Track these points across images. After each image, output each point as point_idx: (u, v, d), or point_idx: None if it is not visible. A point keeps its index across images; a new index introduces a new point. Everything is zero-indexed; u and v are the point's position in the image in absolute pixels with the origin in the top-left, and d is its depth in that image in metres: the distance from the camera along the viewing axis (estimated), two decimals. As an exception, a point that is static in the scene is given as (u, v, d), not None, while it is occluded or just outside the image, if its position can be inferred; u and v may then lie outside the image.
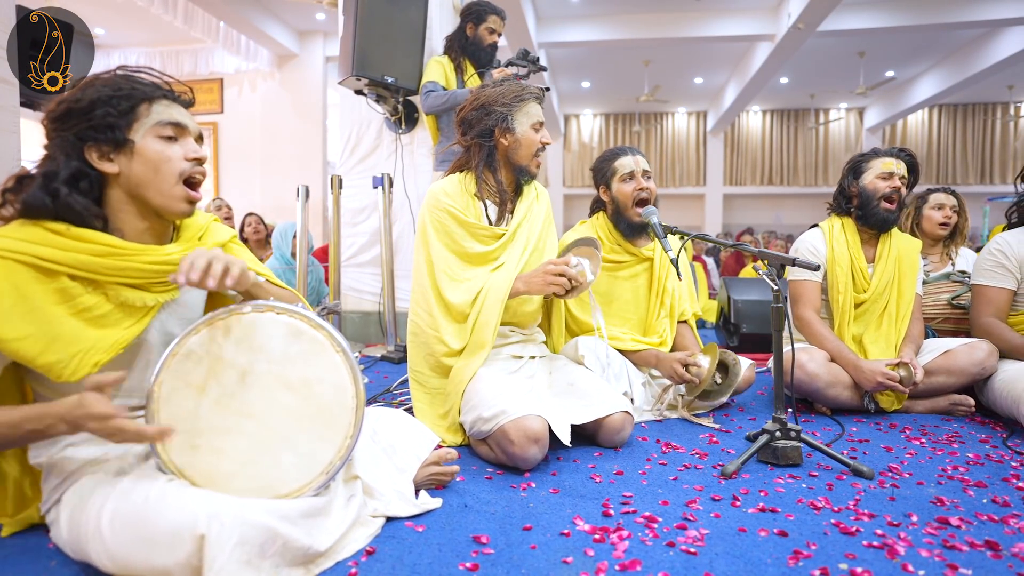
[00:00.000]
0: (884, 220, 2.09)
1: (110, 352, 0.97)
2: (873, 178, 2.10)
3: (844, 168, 2.22)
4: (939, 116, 13.02)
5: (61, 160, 0.98)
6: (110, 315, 0.99)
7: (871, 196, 2.09)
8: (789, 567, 1.01)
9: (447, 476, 1.34)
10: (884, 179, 2.08)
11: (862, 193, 2.11)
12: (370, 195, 3.52)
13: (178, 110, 1.06)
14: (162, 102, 1.04)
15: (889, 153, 2.13)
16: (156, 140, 1.02)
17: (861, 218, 2.13)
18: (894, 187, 2.06)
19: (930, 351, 2.07)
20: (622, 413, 1.60)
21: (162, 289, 1.05)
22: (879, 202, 2.08)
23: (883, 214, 2.08)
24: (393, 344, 3.21)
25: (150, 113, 1.02)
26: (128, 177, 1.02)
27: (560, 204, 14.19)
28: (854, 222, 2.16)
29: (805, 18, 7.30)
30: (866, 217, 2.11)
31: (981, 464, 1.55)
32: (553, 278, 1.60)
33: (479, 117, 1.71)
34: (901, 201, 2.10)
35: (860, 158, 2.17)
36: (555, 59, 10.27)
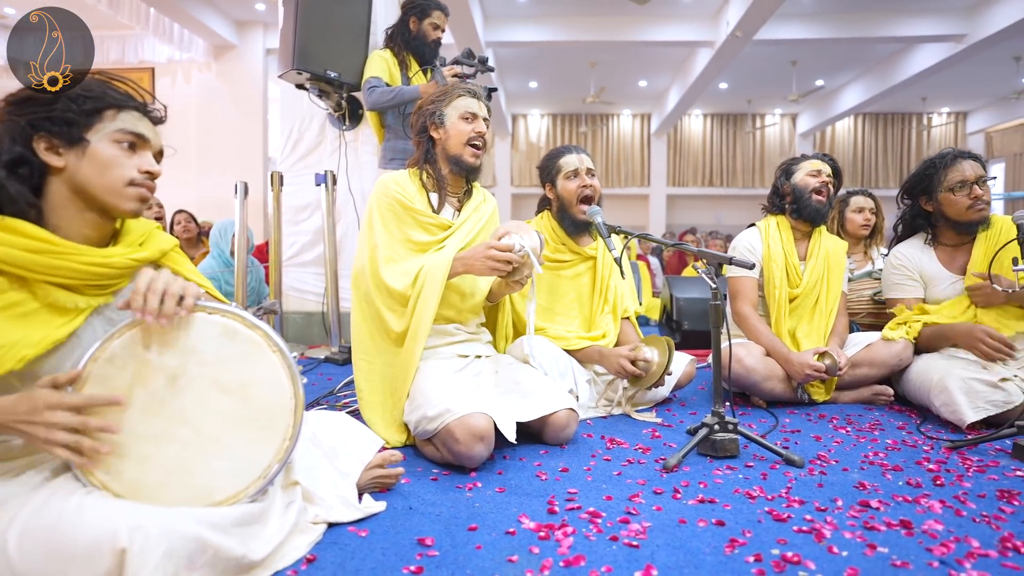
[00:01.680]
0: (817, 211, 2.22)
1: (37, 348, 0.90)
2: (804, 176, 2.24)
3: (777, 171, 2.37)
4: (863, 124, 13.85)
5: (5, 143, 0.94)
6: (37, 313, 0.92)
7: (803, 191, 2.22)
8: (726, 555, 1.04)
9: (391, 478, 1.32)
10: (813, 176, 2.23)
11: (795, 190, 2.25)
12: (313, 193, 3.42)
13: (146, 124, 1.04)
14: (132, 113, 1.02)
15: (816, 156, 2.30)
16: (112, 145, 0.99)
17: (796, 212, 2.26)
18: (823, 181, 2.22)
19: (854, 344, 2.20)
20: (567, 411, 1.63)
21: (96, 292, 0.99)
22: (811, 195, 2.21)
23: (816, 205, 2.21)
24: (337, 345, 3.14)
25: (115, 120, 1.00)
26: (74, 175, 0.97)
27: (508, 203, 14.23)
28: (788, 220, 2.29)
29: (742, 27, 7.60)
30: (800, 211, 2.24)
31: (898, 450, 1.66)
32: (495, 263, 1.59)
33: (418, 118, 1.81)
34: (830, 196, 2.24)
35: (791, 161, 2.33)
36: (503, 58, 10.30)
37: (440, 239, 1.75)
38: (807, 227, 2.28)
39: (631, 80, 11.67)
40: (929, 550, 1.06)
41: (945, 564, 1.01)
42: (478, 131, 1.77)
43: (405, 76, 2.88)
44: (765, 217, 2.36)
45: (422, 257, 1.72)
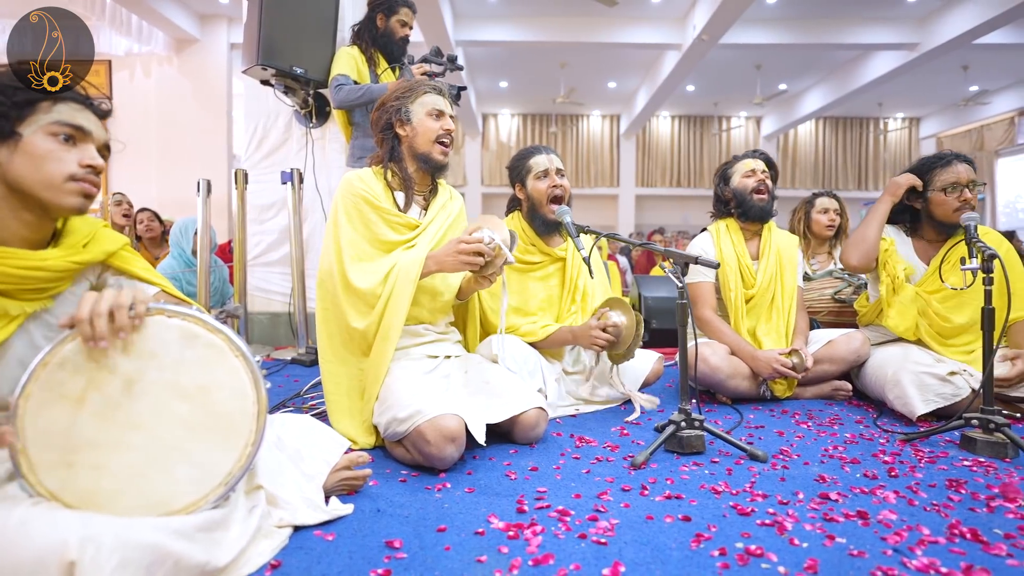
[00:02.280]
0: (762, 210, 2.28)
1: None
2: (740, 178, 2.30)
3: (715, 178, 2.42)
4: (824, 127, 14.26)
5: None
6: None
7: (743, 193, 2.29)
8: (691, 550, 1.06)
9: (359, 480, 1.30)
10: (749, 176, 2.29)
11: (735, 194, 2.31)
12: (278, 191, 3.36)
13: (86, 116, 0.99)
14: (71, 104, 0.97)
15: (747, 155, 2.36)
16: (48, 138, 0.94)
17: (742, 215, 2.31)
18: (759, 180, 2.28)
19: (815, 341, 2.27)
20: (536, 410, 1.63)
21: (33, 297, 0.94)
22: (751, 196, 2.27)
23: (759, 204, 2.27)
24: (304, 346, 3.09)
25: (51, 112, 0.94)
26: (7, 171, 0.92)
27: (478, 203, 14.21)
28: (737, 222, 2.34)
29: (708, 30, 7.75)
30: (746, 213, 2.30)
31: (856, 443, 1.71)
32: (467, 257, 1.58)
33: (380, 115, 1.77)
34: (770, 191, 2.30)
35: (725, 166, 2.39)
36: (473, 58, 10.27)
37: (408, 238, 1.74)
38: (756, 226, 2.34)
39: (600, 81, 11.78)
40: (884, 539, 1.10)
41: (898, 552, 1.05)
42: (446, 128, 1.77)
43: (374, 73, 2.84)
44: (715, 221, 2.41)
45: (391, 256, 1.70)
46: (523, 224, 2.18)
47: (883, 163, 14.21)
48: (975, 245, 1.66)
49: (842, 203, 2.85)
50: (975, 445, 1.61)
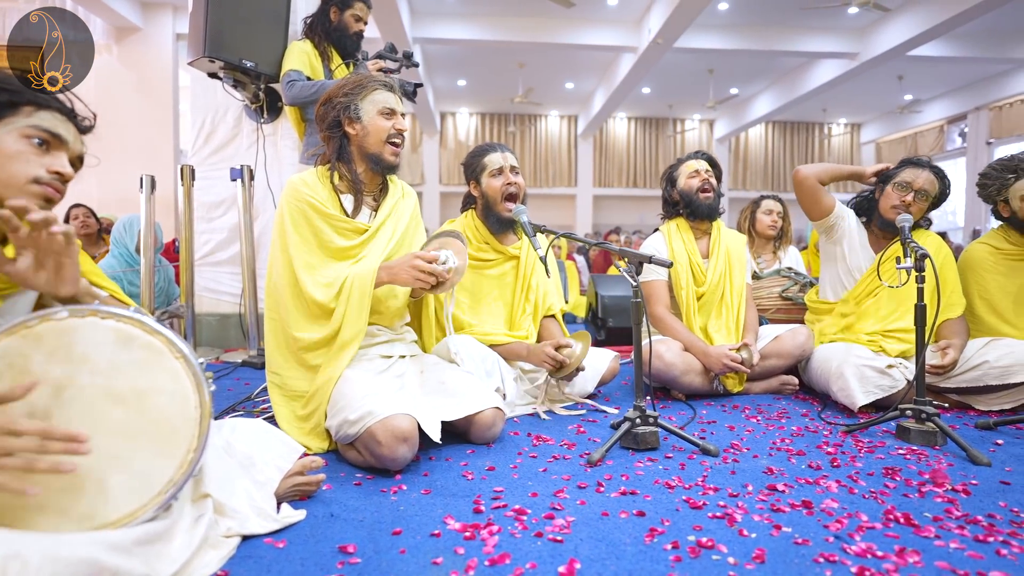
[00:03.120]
0: (709, 208, 2.36)
1: None
2: (685, 180, 2.38)
3: (661, 181, 2.49)
4: (773, 131, 14.79)
5: None
6: None
7: (689, 194, 2.36)
8: (645, 544, 1.08)
9: (312, 485, 1.27)
10: (693, 177, 2.36)
11: (682, 195, 2.38)
12: (228, 188, 3.25)
13: (67, 128, 0.99)
14: (54, 114, 0.97)
15: (690, 157, 2.43)
16: (20, 140, 0.93)
17: (691, 215, 2.38)
18: (703, 180, 2.35)
19: (763, 337, 2.34)
20: (493, 409, 1.63)
21: None
22: (697, 195, 2.35)
23: (705, 203, 2.35)
24: (256, 348, 2.99)
25: (31, 116, 0.94)
26: None
27: (436, 202, 14.12)
28: (687, 222, 2.41)
29: (663, 34, 7.92)
30: (694, 212, 2.37)
31: (802, 435, 1.78)
32: (420, 274, 1.57)
33: (326, 111, 1.70)
34: (715, 190, 2.38)
35: (670, 169, 2.47)
36: (431, 55, 10.19)
37: (358, 243, 1.69)
38: (705, 225, 2.40)
39: (558, 82, 11.88)
40: (826, 527, 1.14)
41: (839, 539, 1.09)
42: (399, 128, 1.71)
43: (327, 69, 2.78)
44: (666, 222, 2.47)
45: (343, 265, 1.66)
46: (477, 223, 2.17)
47: (827, 166, 14.84)
48: (909, 245, 1.75)
49: (786, 206, 2.97)
50: (909, 434, 1.70)
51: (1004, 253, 2.26)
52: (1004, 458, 1.57)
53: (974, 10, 7.07)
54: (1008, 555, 1.04)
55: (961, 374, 2.06)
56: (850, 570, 0.98)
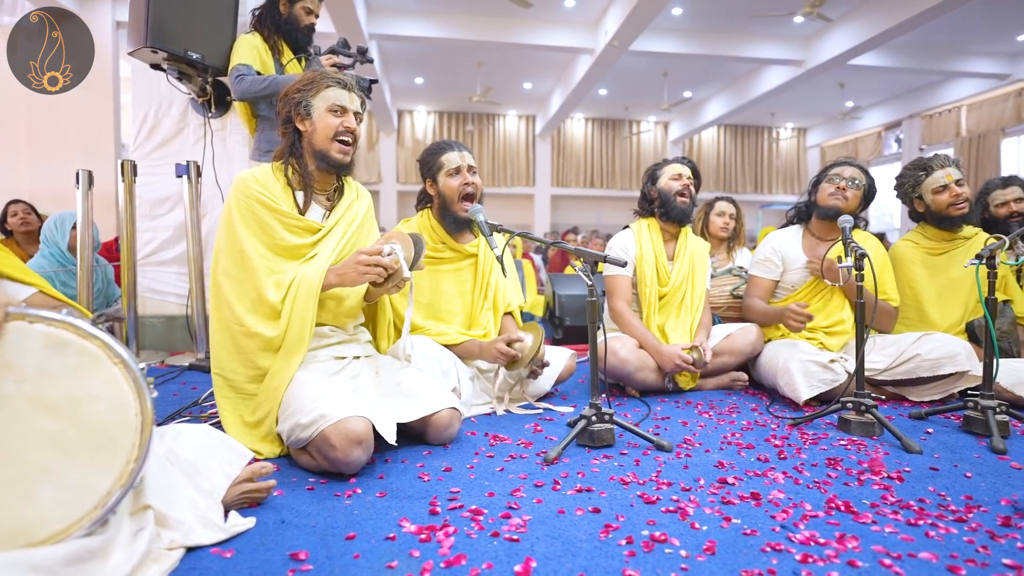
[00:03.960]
0: (683, 212, 2.41)
1: None
2: (667, 180, 2.42)
3: (643, 177, 2.53)
4: (724, 134, 15.23)
5: None
6: None
7: (668, 194, 2.40)
8: (600, 540, 1.09)
9: (262, 492, 1.23)
10: (675, 179, 2.41)
11: (661, 194, 2.42)
12: (173, 184, 3.12)
13: None
14: None
15: (677, 160, 2.49)
16: None
17: (664, 215, 2.43)
18: (684, 184, 2.40)
19: (715, 335, 2.41)
20: (449, 410, 1.62)
21: None
22: (675, 198, 2.39)
23: (681, 207, 2.40)
24: (204, 351, 2.89)
25: None
26: None
27: (394, 201, 13.95)
28: (658, 223, 2.46)
29: (619, 37, 8.04)
30: (668, 213, 2.41)
31: (751, 429, 1.84)
32: (366, 268, 1.54)
33: (282, 107, 1.69)
34: (692, 196, 2.43)
35: (655, 167, 2.51)
36: (387, 52, 10.05)
37: (310, 242, 1.65)
38: (675, 228, 2.46)
39: (516, 82, 11.91)
40: (773, 517, 1.19)
41: (785, 528, 1.14)
42: (347, 126, 1.68)
43: (278, 63, 2.69)
44: (637, 220, 2.51)
45: (293, 264, 1.62)
46: (433, 222, 2.15)
47: (776, 169, 15.41)
48: (849, 245, 1.83)
49: (739, 208, 3.06)
50: (850, 426, 1.78)
51: (925, 249, 2.43)
52: (934, 445, 1.67)
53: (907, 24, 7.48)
54: (935, 536, 1.11)
55: (897, 367, 2.17)
56: (795, 558, 1.02)
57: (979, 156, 10.88)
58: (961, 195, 2.32)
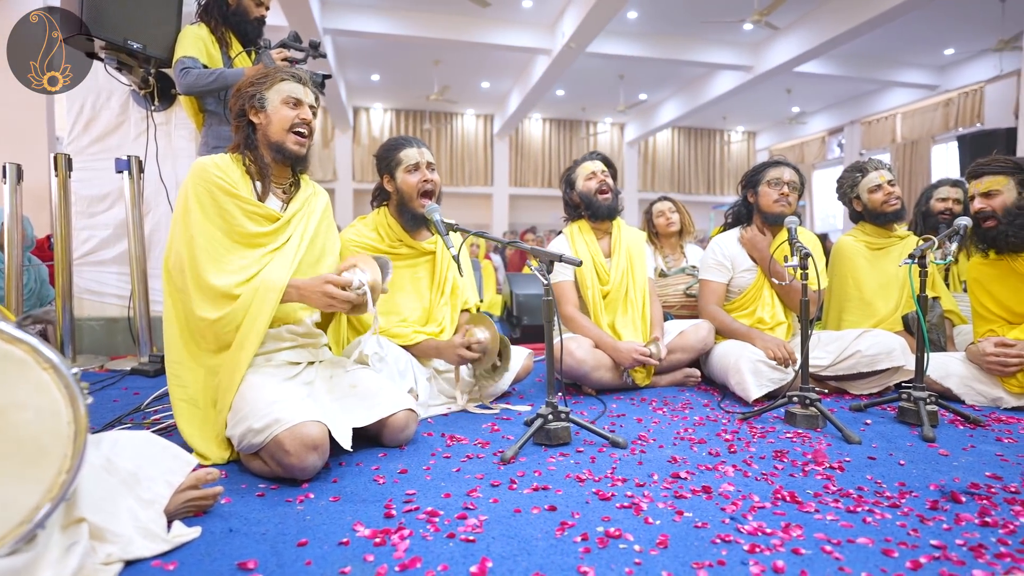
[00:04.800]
0: (609, 208, 2.44)
1: None
2: (583, 182, 2.45)
3: (561, 184, 2.55)
4: (679, 136, 15.60)
5: None
6: None
7: (589, 195, 2.43)
8: (556, 538, 1.10)
9: (208, 499, 1.19)
10: (590, 179, 2.44)
11: (582, 197, 2.45)
12: (113, 180, 2.97)
13: None
14: None
15: (585, 158, 2.51)
16: None
17: (592, 216, 2.46)
18: (600, 181, 2.43)
19: (669, 333, 2.46)
20: (406, 411, 1.60)
21: None
22: (596, 197, 2.43)
23: (604, 204, 2.43)
24: (148, 354, 2.76)
25: None
26: None
27: (350, 199, 13.71)
28: (588, 223, 2.49)
29: (576, 38, 8.13)
30: (595, 213, 2.44)
31: (703, 425, 1.89)
32: (331, 300, 1.53)
33: (236, 101, 1.67)
34: (613, 189, 2.47)
35: (567, 172, 2.53)
36: (343, 48, 9.86)
37: (269, 231, 1.62)
38: (606, 225, 2.49)
39: (474, 81, 11.88)
40: (723, 509, 1.22)
41: (734, 519, 1.17)
42: (303, 118, 1.67)
43: (226, 56, 2.59)
44: (569, 224, 2.54)
45: (252, 254, 1.58)
46: (389, 219, 2.12)
47: (727, 171, 15.89)
48: (795, 245, 1.90)
49: (677, 203, 3.14)
50: (795, 419, 1.85)
51: (864, 243, 2.58)
52: (872, 436, 1.75)
53: (847, 34, 7.86)
54: (872, 522, 1.16)
55: (839, 363, 2.27)
56: (743, 548, 1.05)
57: (912, 161, 11.50)
58: (893, 193, 2.48)
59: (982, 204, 2.06)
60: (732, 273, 2.49)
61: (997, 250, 2.11)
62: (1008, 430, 1.82)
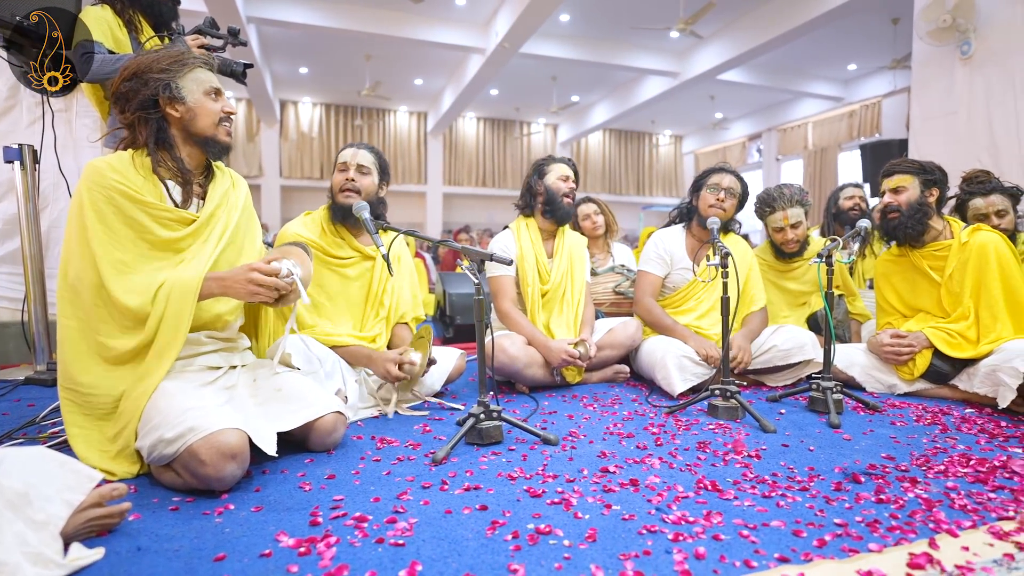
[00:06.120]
0: (566, 213, 2.49)
1: None
2: (555, 179, 2.48)
3: (530, 170, 2.57)
4: (610, 138, 16.00)
5: None
6: None
7: (556, 194, 2.46)
8: (487, 537, 1.10)
9: (114, 517, 1.10)
10: (563, 180, 2.48)
11: (547, 191, 2.47)
12: (3, 171, 2.71)
13: None
14: None
15: (563, 161, 2.55)
16: None
17: (548, 212, 2.48)
18: (571, 187, 2.49)
19: (599, 330, 2.52)
20: (334, 414, 1.55)
21: None
22: (563, 199, 2.46)
23: (566, 208, 2.47)
24: (44, 362, 2.54)
25: None
26: None
27: (277, 196, 13.17)
28: (537, 222, 2.52)
29: (509, 39, 8.17)
30: (553, 212, 2.47)
31: (632, 419, 1.94)
32: (258, 288, 1.43)
33: (135, 88, 1.48)
34: (573, 200, 2.51)
35: (542, 162, 2.55)
36: (268, 38, 9.45)
37: (184, 235, 1.50)
38: (553, 227, 2.53)
39: (407, 77, 11.70)
40: (649, 500, 1.26)
41: (659, 510, 1.21)
42: (228, 110, 1.58)
43: (136, 41, 2.41)
44: (517, 219, 2.56)
45: (168, 260, 1.47)
46: (328, 215, 2.11)
47: (656, 173, 16.46)
48: (716, 245, 1.99)
49: (602, 206, 3.22)
50: (717, 411, 1.93)
51: (766, 265, 2.71)
52: (786, 424, 1.86)
53: (764, 46, 8.35)
54: (784, 505, 1.24)
55: (757, 357, 2.40)
56: (668, 537, 1.09)
57: (822, 168, 12.36)
58: (791, 239, 2.54)
59: (891, 199, 2.26)
60: (670, 269, 2.56)
61: (897, 241, 2.31)
62: (900, 414, 1.98)
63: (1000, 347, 2.02)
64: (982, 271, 2.12)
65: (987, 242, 2.13)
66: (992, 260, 2.11)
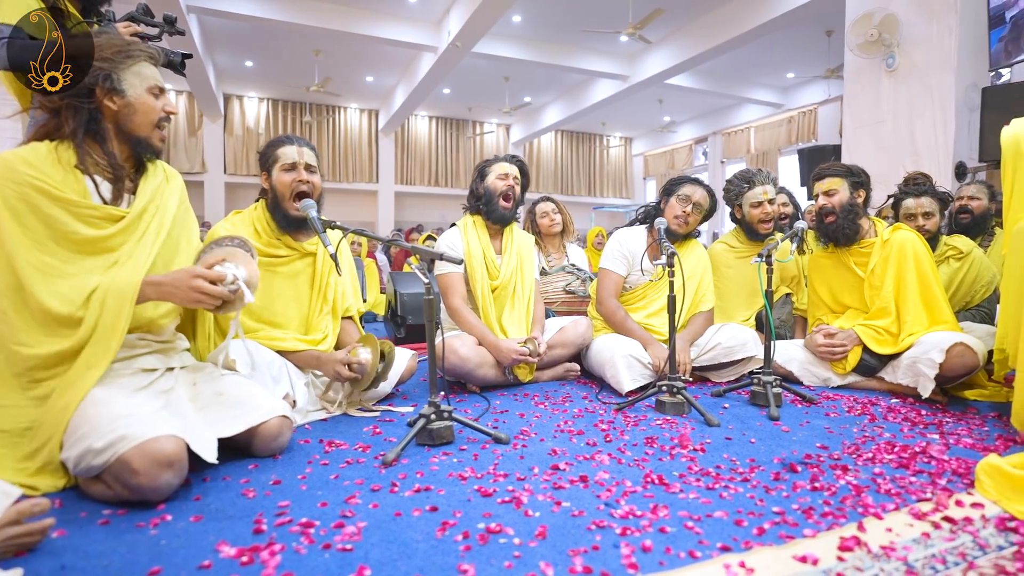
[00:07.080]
0: (503, 216, 2.48)
1: None
2: (494, 179, 2.47)
3: (474, 171, 2.56)
4: (561, 139, 16.17)
5: None
6: None
7: (493, 194, 2.45)
8: (437, 539, 1.09)
9: (34, 535, 1.03)
10: (502, 179, 2.47)
11: (486, 192, 2.47)
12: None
13: None
14: None
15: (504, 159, 2.53)
16: None
17: (487, 214, 2.48)
18: (508, 185, 2.47)
19: (550, 329, 2.55)
20: (279, 418, 1.50)
21: None
22: (498, 200, 2.46)
23: (502, 211, 2.47)
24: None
25: None
26: None
27: (221, 193, 12.67)
28: (483, 219, 2.51)
29: (461, 38, 8.13)
30: (490, 214, 2.47)
31: (582, 416, 1.97)
32: (202, 296, 1.38)
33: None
34: (516, 199, 2.50)
35: (486, 163, 2.54)
36: (211, 29, 9.08)
37: (111, 233, 1.42)
38: (499, 226, 2.53)
39: (358, 74, 11.49)
40: (598, 496, 1.28)
41: (608, 505, 1.23)
42: (169, 110, 1.51)
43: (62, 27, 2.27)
44: (464, 217, 2.55)
45: (93, 263, 1.39)
46: (266, 217, 1.98)
47: (607, 174, 16.74)
48: (662, 245, 2.04)
49: (559, 205, 3.26)
50: (664, 407, 1.98)
51: (735, 251, 2.78)
52: (729, 418, 1.93)
53: (709, 52, 8.63)
54: (727, 496, 1.28)
55: (703, 355, 2.48)
56: (616, 532, 1.11)
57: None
58: (770, 214, 2.62)
59: (824, 201, 2.37)
60: (631, 268, 2.58)
61: (836, 243, 2.41)
62: (834, 406, 2.09)
63: (919, 340, 2.16)
64: (902, 267, 2.26)
65: (906, 240, 2.27)
66: (910, 257, 2.25)
